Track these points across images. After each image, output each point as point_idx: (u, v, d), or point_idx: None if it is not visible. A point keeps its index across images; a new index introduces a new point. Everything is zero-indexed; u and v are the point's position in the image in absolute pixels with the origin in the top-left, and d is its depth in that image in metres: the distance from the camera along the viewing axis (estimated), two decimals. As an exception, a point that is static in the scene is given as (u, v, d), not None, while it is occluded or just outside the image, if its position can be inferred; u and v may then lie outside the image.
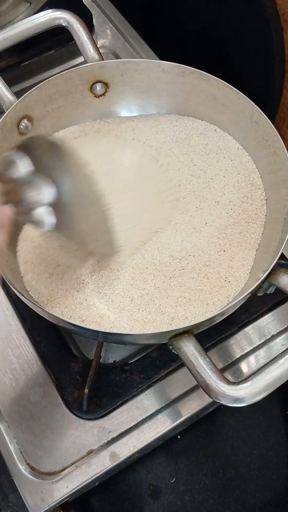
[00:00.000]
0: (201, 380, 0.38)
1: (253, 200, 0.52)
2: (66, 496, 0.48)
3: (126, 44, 0.75)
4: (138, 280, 0.48)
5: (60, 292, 0.47)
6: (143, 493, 0.57)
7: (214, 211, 0.52)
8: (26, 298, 0.42)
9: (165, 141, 0.56)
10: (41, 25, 0.55)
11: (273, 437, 0.61)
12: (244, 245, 0.50)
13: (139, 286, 0.48)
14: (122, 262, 0.49)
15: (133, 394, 0.52)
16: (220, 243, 0.50)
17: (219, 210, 0.52)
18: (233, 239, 0.50)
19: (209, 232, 0.51)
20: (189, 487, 0.57)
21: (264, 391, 0.37)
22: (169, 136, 0.56)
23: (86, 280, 0.48)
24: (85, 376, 0.51)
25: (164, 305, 0.46)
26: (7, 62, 0.70)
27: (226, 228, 0.51)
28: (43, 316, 0.43)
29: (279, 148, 0.49)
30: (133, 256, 0.49)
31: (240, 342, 0.56)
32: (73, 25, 0.55)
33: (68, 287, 0.48)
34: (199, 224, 0.51)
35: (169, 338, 0.40)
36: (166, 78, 0.55)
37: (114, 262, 0.49)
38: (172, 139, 0.56)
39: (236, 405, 0.37)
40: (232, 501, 0.58)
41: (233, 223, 0.51)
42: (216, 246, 0.50)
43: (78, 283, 0.48)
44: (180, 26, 0.76)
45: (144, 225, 0.51)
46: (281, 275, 0.43)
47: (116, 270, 0.48)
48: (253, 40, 0.62)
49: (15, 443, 0.50)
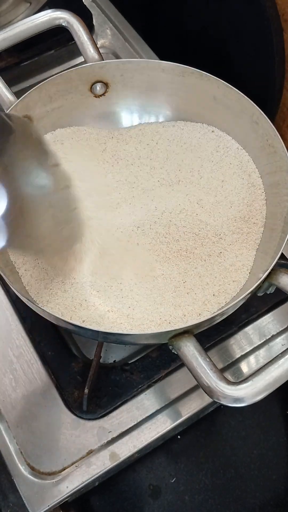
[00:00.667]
0: (201, 380, 0.38)
1: (253, 200, 0.52)
2: (66, 496, 0.48)
3: (126, 44, 0.75)
4: (138, 280, 0.48)
5: (60, 292, 0.47)
6: (143, 493, 0.57)
7: (213, 211, 0.52)
8: (26, 298, 0.42)
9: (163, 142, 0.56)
10: (41, 25, 0.55)
11: (273, 437, 0.61)
12: (244, 245, 0.50)
13: (139, 286, 0.48)
14: (123, 263, 0.49)
15: (133, 394, 0.52)
16: (219, 243, 0.50)
17: (219, 210, 0.52)
18: (232, 239, 0.50)
19: (208, 232, 0.51)
20: (189, 487, 0.57)
21: (264, 391, 0.37)
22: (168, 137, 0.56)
23: (86, 280, 0.48)
24: (85, 376, 0.51)
25: (164, 305, 0.46)
26: (7, 62, 0.70)
27: (226, 228, 0.51)
28: (43, 316, 0.43)
29: (279, 148, 0.49)
30: (133, 257, 0.49)
31: (240, 342, 0.56)
32: (73, 25, 0.55)
33: (68, 287, 0.48)
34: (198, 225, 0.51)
35: (169, 338, 0.40)
36: (166, 78, 0.55)
37: (115, 263, 0.49)
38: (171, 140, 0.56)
39: (236, 405, 0.37)
40: (232, 501, 0.58)
41: (233, 223, 0.51)
42: (215, 246, 0.50)
43: (78, 283, 0.48)
44: (180, 26, 0.76)
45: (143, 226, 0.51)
46: (281, 275, 0.43)
47: (116, 270, 0.48)
48: (253, 40, 0.62)
49: (15, 443, 0.50)
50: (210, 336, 0.55)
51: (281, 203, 0.49)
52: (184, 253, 0.49)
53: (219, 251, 0.50)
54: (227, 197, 0.53)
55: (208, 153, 0.55)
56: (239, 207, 0.52)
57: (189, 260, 0.49)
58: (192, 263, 0.49)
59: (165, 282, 0.48)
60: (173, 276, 0.48)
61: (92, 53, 0.54)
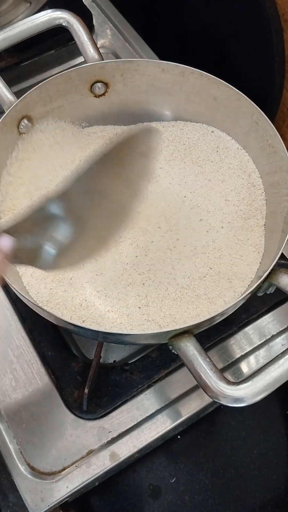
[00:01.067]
0: (201, 380, 0.38)
1: (253, 200, 0.52)
2: (66, 496, 0.48)
3: (126, 44, 0.75)
4: (138, 281, 0.48)
5: (60, 292, 0.47)
6: (143, 493, 0.57)
7: (213, 211, 0.52)
8: (26, 298, 0.42)
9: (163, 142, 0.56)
10: (41, 25, 0.55)
11: (273, 437, 0.61)
12: (243, 245, 0.50)
13: (139, 286, 0.48)
14: (123, 263, 0.49)
15: (133, 394, 0.52)
16: (219, 243, 0.50)
17: (219, 210, 0.52)
18: (232, 239, 0.50)
19: (208, 232, 0.51)
20: (189, 487, 0.57)
21: (264, 391, 0.37)
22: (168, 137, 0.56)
23: (86, 280, 0.48)
24: (85, 376, 0.51)
25: (164, 305, 0.46)
26: (7, 62, 0.70)
27: (225, 229, 0.51)
28: (43, 316, 0.43)
29: (279, 148, 0.49)
30: (134, 257, 0.49)
31: (240, 342, 0.56)
32: (73, 25, 0.55)
33: (68, 287, 0.48)
34: (199, 225, 0.51)
35: (169, 338, 0.40)
36: (166, 78, 0.55)
37: (115, 263, 0.49)
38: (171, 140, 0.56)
39: (236, 405, 0.37)
40: (232, 501, 0.58)
41: (233, 223, 0.51)
42: (215, 246, 0.50)
43: (78, 283, 0.48)
44: (180, 26, 0.76)
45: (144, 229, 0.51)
46: (281, 275, 0.43)
47: (116, 270, 0.48)
48: (253, 40, 0.62)
49: (15, 443, 0.50)
50: (210, 336, 0.54)
51: (281, 203, 0.49)
52: (184, 252, 0.49)
53: (219, 251, 0.50)
54: (227, 197, 0.52)
55: (207, 153, 0.55)
56: (239, 207, 0.52)
57: (189, 260, 0.49)
58: (192, 263, 0.49)
59: (165, 282, 0.48)
60: (173, 276, 0.48)
61: (92, 53, 0.54)
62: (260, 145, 0.52)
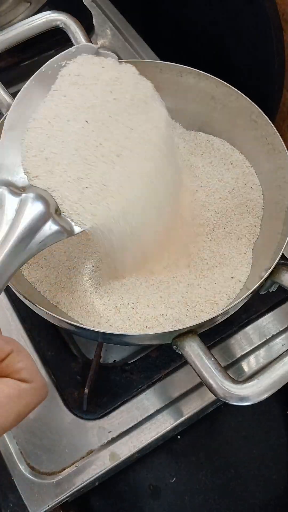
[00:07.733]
0: (206, 379, 0.38)
1: (251, 200, 0.52)
2: (66, 496, 0.48)
3: (126, 44, 0.75)
4: (140, 280, 0.48)
5: (60, 293, 0.47)
6: (143, 493, 0.57)
7: (211, 210, 0.52)
8: (26, 299, 0.42)
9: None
10: (38, 27, 0.54)
11: (273, 437, 0.61)
12: (243, 245, 0.50)
13: (141, 286, 0.48)
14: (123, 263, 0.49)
15: (133, 394, 0.52)
16: (218, 243, 0.50)
17: (216, 209, 0.52)
18: (231, 239, 0.50)
19: (207, 231, 0.51)
20: (189, 487, 0.57)
21: (270, 389, 0.37)
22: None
23: (87, 280, 0.48)
24: (85, 376, 0.51)
25: (167, 305, 0.46)
26: (7, 62, 0.70)
27: (223, 228, 0.51)
28: (43, 316, 0.43)
29: (279, 146, 0.49)
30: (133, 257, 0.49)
31: (240, 342, 0.56)
32: (70, 26, 0.55)
33: (69, 287, 0.48)
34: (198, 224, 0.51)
35: (173, 338, 0.40)
36: (164, 78, 0.55)
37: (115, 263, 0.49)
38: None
39: (242, 404, 0.37)
40: (232, 501, 0.57)
41: (232, 223, 0.51)
42: (215, 245, 0.50)
43: (78, 283, 0.48)
44: (180, 26, 0.76)
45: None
46: (283, 273, 0.43)
47: (117, 270, 0.48)
48: (253, 40, 0.62)
49: (15, 443, 0.50)
50: (210, 336, 0.55)
51: (281, 203, 0.49)
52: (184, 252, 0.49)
53: (219, 250, 0.50)
54: (226, 197, 0.52)
55: (205, 152, 0.55)
56: (238, 207, 0.52)
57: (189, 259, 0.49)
58: (192, 263, 0.49)
59: (165, 282, 0.48)
60: (174, 276, 0.48)
61: (90, 54, 0.54)
62: (259, 144, 0.52)
